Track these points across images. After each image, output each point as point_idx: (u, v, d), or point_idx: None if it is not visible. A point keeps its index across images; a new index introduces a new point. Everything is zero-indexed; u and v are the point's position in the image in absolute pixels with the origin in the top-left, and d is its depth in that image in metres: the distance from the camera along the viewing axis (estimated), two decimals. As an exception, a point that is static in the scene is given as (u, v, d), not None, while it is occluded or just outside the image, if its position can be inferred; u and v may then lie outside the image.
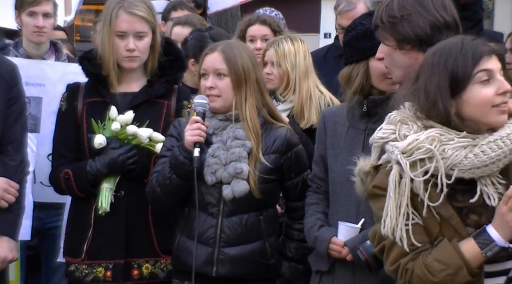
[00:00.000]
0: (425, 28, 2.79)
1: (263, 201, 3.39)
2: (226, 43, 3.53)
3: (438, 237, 2.39)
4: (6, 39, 7.14)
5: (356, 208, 3.30)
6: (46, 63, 4.57)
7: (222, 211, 3.36)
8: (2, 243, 3.57)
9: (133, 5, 3.54)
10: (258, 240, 3.40)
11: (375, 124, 3.30)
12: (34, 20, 4.60)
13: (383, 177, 2.48)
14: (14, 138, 3.64)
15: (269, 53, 4.37)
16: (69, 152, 3.64)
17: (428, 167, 2.34)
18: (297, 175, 3.49)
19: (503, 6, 14.60)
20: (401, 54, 2.86)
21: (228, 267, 3.34)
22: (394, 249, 2.44)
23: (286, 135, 3.44)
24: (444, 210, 2.36)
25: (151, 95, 3.64)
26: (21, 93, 3.74)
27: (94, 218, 3.55)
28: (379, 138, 2.50)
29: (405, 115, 2.45)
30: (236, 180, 3.32)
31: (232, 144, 3.36)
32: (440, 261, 2.34)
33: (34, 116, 4.38)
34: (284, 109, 4.29)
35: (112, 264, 3.55)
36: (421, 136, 2.37)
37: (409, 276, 2.39)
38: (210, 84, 3.38)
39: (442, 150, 2.34)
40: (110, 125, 3.52)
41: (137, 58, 3.59)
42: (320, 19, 14.12)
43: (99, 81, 3.62)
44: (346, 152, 3.36)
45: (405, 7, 2.82)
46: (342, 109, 3.47)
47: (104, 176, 3.51)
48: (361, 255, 3.07)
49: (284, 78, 4.31)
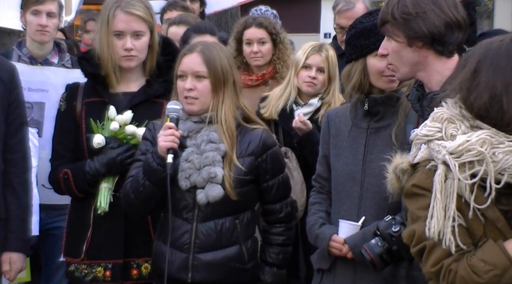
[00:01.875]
0: (440, 26, 2.79)
1: (239, 204, 3.34)
2: (204, 44, 3.46)
3: (481, 239, 2.34)
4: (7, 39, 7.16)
5: (358, 206, 3.32)
6: (48, 69, 4.55)
7: (196, 216, 3.31)
8: (19, 257, 3.72)
9: (130, 5, 3.54)
10: (234, 244, 3.34)
11: (377, 123, 3.35)
12: (38, 19, 4.59)
13: (423, 176, 2.42)
14: (20, 148, 3.69)
15: (317, 59, 4.34)
16: (68, 152, 3.64)
17: (477, 170, 2.28)
18: (273, 177, 3.41)
19: (503, 6, 14.59)
20: (410, 51, 2.85)
21: (203, 273, 3.30)
22: (437, 250, 2.37)
23: (261, 136, 3.38)
24: (491, 212, 2.31)
25: (149, 95, 3.64)
26: (21, 97, 3.75)
27: (93, 218, 3.55)
28: (423, 135, 2.42)
29: (452, 113, 2.39)
30: (210, 184, 3.26)
31: (206, 148, 3.30)
32: (486, 261, 2.29)
33: (37, 120, 4.38)
34: (305, 112, 4.31)
35: (111, 264, 3.55)
36: (472, 137, 2.31)
37: (453, 277, 2.33)
38: (189, 86, 3.32)
39: (493, 153, 2.29)
40: (108, 125, 3.52)
41: (135, 58, 3.58)
42: (320, 19, 14.10)
43: (97, 81, 3.62)
44: (348, 151, 3.38)
45: (419, 5, 2.81)
46: (346, 108, 3.49)
47: (103, 176, 3.50)
48: (366, 254, 3.05)
49: (325, 84, 4.35)
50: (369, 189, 3.30)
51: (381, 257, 3.01)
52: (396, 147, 3.19)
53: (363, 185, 3.31)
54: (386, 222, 3.01)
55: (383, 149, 3.27)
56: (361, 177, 3.32)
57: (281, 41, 4.87)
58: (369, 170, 3.31)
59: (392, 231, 2.96)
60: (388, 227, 2.99)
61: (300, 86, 4.36)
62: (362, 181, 3.32)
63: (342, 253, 3.30)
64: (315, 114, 4.33)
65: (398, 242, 2.90)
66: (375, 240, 3.02)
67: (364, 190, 3.31)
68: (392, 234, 2.96)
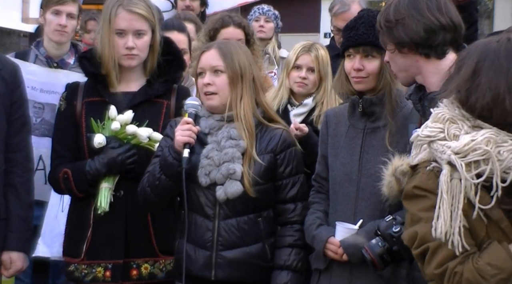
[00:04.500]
0: (419, 31, 2.82)
1: (260, 202, 3.34)
2: (222, 42, 3.53)
3: (484, 240, 2.34)
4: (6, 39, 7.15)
5: (354, 207, 3.34)
6: (62, 72, 4.57)
7: (218, 214, 3.32)
8: (19, 257, 3.72)
9: (132, 3, 3.54)
10: (257, 242, 3.35)
11: (373, 123, 3.36)
12: (58, 19, 4.65)
13: (424, 177, 2.42)
14: (22, 147, 3.70)
15: (307, 58, 4.33)
16: (68, 152, 3.64)
17: (483, 169, 2.29)
18: (289, 176, 3.41)
19: (503, 6, 14.56)
20: (401, 57, 2.89)
21: (227, 271, 3.30)
22: (441, 251, 2.36)
23: (281, 134, 3.39)
24: (495, 212, 2.32)
25: (150, 95, 3.63)
26: (24, 96, 3.76)
27: (93, 218, 3.54)
28: (425, 136, 2.42)
29: (453, 114, 2.39)
30: (230, 181, 3.27)
31: (225, 144, 3.32)
32: (493, 265, 2.28)
33: (48, 121, 4.40)
34: (300, 113, 4.31)
35: (111, 264, 3.54)
36: (477, 137, 2.31)
37: (458, 280, 2.32)
38: (207, 81, 3.35)
39: (498, 152, 2.29)
40: (109, 124, 3.52)
41: (136, 56, 3.58)
42: (320, 19, 14.07)
43: (98, 81, 3.61)
44: (345, 151, 3.40)
45: (400, 11, 2.85)
46: (344, 108, 3.52)
47: (103, 175, 3.50)
48: (366, 254, 3.05)
49: (317, 84, 4.33)
50: (365, 190, 3.31)
51: (382, 257, 3.01)
52: (391, 150, 3.22)
53: (359, 186, 3.32)
54: (386, 222, 3.01)
55: (379, 150, 3.29)
56: (357, 178, 3.33)
57: (254, 42, 4.84)
58: (365, 171, 3.32)
59: (392, 231, 2.96)
60: (389, 227, 2.99)
61: (292, 87, 4.37)
62: (358, 181, 3.33)
63: (337, 256, 3.31)
64: (309, 114, 4.33)
65: (398, 242, 2.90)
66: (376, 240, 3.02)
67: (360, 190, 3.32)
68: (392, 234, 2.96)
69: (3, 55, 3.96)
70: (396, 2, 2.88)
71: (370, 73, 3.34)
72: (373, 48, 3.30)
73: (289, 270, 3.36)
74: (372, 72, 3.34)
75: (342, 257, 3.30)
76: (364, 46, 3.31)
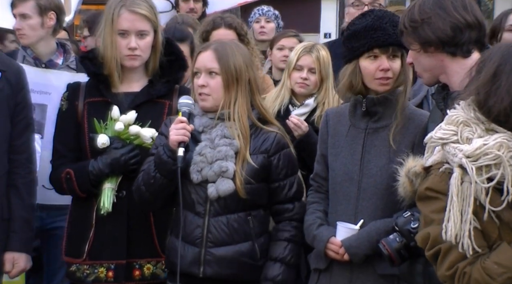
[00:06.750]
0: (446, 29, 2.82)
1: (251, 201, 3.33)
2: (220, 42, 3.50)
3: (496, 241, 2.34)
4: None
5: (355, 206, 3.33)
6: (52, 72, 4.54)
7: (208, 211, 3.32)
8: (21, 257, 3.72)
9: (135, 4, 3.54)
10: (246, 240, 3.34)
11: (375, 123, 3.36)
12: (16, 22, 4.63)
13: (437, 179, 2.43)
14: (25, 149, 3.69)
15: (308, 59, 4.34)
16: (70, 152, 3.64)
17: (495, 173, 2.29)
18: (286, 177, 3.41)
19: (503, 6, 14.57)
20: (426, 57, 2.89)
21: (215, 268, 3.30)
22: (452, 253, 2.37)
23: (275, 136, 3.39)
24: (506, 214, 2.32)
25: (152, 95, 3.63)
26: (28, 98, 3.76)
27: (95, 218, 3.54)
28: (438, 138, 2.43)
29: (468, 117, 2.40)
30: (221, 179, 3.28)
31: (219, 142, 3.32)
32: (500, 264, 2.29)
33: (39, 122, 4.36)
34: (301, 113, 4.31)
35: (114, 265, 3.54)
36: (489, 141, 2.31)
37: (467, 280, 2.33)
38: (202, 83, 3.35)
39: (510, 157, 2.30)
40: (112, 124, 3.51)
41: (139, 57, 3.58)
42: (320, 19, 14.09)
43: (100, 81, 3.61)
44: (346, 151, 3.40)
45: (425, 11, 2.86)
46: (345, 108, 3.51)
47: (106, 176, 3.50)
48: (383, 249, 3.04)
49: (318, 84, 4.34)
50: (366, 190, 3.30)
51: (399, 253, 3.01)
52: (394, 149, 3.22)
53: (360, 185, 3.32)
54: (405, 218, 3.01)
55: (381, 150, 3.29)
56: (358, 177, 3.33)
57: (248, 42, 4.82)
58: (367, 171, 3.31)
59: (411, 227, 2.97)
60: (407, 223, 2.99)
61: (293, 87, 4.37)
62: (360, 181, 3.32)
63: (338, 256, 3.31)
64: (311, 115, 4.33)
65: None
66: (393, 236, 3.03)
67: (362, 190, 3.32)
68: (410, 230, 2.97)
69: (8, 57, 3.95)
70: (421, 3, 2.88)
71: (395, 73, 3.33)
72: (398, 48, 3.29)
73: (282, 264, 3.37)
74: (396, 72, 3.33)
75: (343, 257, 3.30)
76: (393, 46, 3.30)
